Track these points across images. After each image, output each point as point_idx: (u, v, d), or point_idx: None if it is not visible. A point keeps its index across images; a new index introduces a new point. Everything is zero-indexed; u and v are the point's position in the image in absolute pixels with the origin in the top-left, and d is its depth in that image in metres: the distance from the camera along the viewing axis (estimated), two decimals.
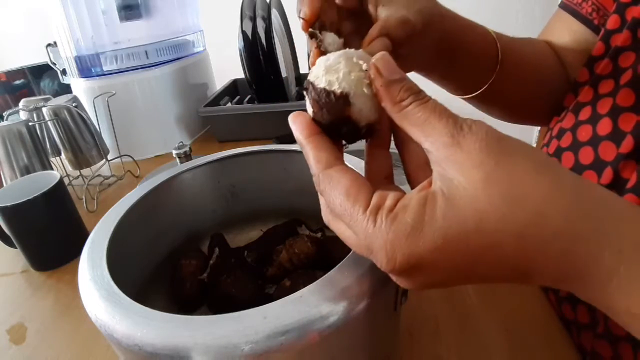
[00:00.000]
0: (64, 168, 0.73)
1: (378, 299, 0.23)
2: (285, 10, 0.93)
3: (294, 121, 0.23)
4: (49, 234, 0.52)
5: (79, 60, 0.81)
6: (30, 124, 0.66)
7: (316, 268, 0.35)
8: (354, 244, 0.21)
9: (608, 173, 0.34)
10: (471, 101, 0.44)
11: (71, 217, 0.55)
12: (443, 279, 0.19)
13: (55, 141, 0.74)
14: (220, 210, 0.43)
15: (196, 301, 0.37)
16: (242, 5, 0.81)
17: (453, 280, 0.20)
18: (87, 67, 0.82)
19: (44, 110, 0.69)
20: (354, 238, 0.21)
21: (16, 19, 2.08)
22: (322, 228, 0.42)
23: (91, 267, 0.27)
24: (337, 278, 0.23)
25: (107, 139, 0.80)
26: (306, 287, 0.22)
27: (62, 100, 0.71)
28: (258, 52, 0.79)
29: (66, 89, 0.87)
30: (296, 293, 0.22)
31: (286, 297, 0.22)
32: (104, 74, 0.81)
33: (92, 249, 0.29)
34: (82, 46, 0.80)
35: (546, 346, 0.36)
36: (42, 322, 0.45)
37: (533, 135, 2.20)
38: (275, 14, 0.87)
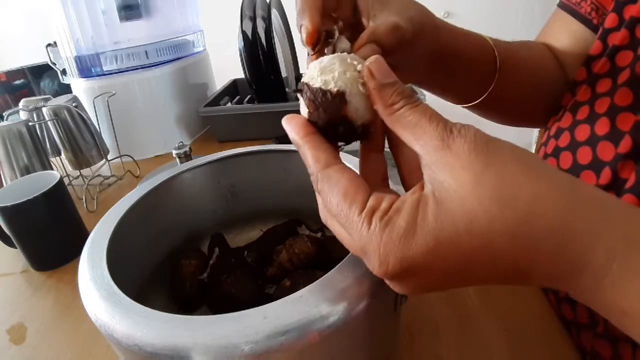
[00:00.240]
0: (64, 168, 0.73)
1: (378, 299, 0.23)
2: (285, 10, 0.93)
3: (289, 122, 0.23)
4: (49, 234, 0.52)
5: (79, 60, 0.81)
6: (30, 124, 0.66)
7: (316, 268, 0.35)
8: (349, 245, 0.21)
9: (607, 173, 0.34)
10: (469, 108, 0.44)
11: (71, 217, 0.55)
12: (437, 282, 0.19)
13: (55, 141, 0.74)
14: (220, 210, 0.43)
15: (196, 301, 0.37)
16: (242, 5, 0.81)
17: (447, 283, 0.20)
18: (87, 67, 0.82)
19: (44, 110, 0.69)
20: (349, 239, 0.21)
21: (16, 19, 2.08)
22: (322, 228, 0.43)
23: (91, 267, 0.27)
24: (337, 278, 0.23)
25: (107, 139, 0.80)
26: (306, 287, 0.22)
27: (62, 100, 0.71)
28: (258, 52, 0.79)
29: (66, 89, 0.87)
30: (296, 293, 0.22)
31: (286, 297, 0.22)
32: (104, 74, 0.81)
33: (92, 249, 0.29)
34: (82, 46, 0.80)
35: (546, 346, 0.36)
36: (42, 322, 0.45)
37: (533, 135, 2.21)
38: (275, 14, 0.87)
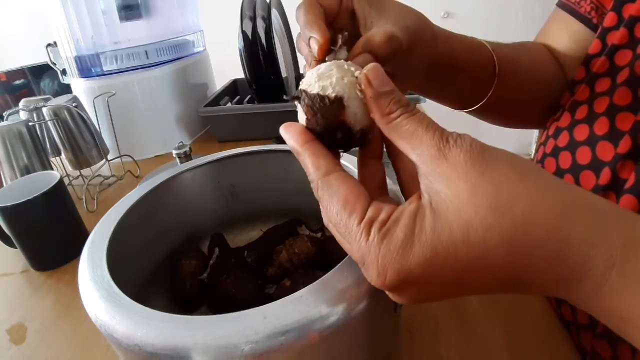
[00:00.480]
0: (64, 168, 0.73)
1: (378, 300, 0.23)
2: (285, 10, 0.93)
3: (287, 130, 0.23)
4: (49, 234, 0.52)
5: (79, 60, 0.81)
6: (30, 124, 0.66)
7: (316, 268, 0.35)
8: (349, 252, 0.21)
9: (606, 173, 0.34)
10: (468, 112, 0.44)
11: (71, 217, 0.55)
12: (435, 292, 0.20)
13: (55, 141, 0.74)
14: (220, 210, 0.43)
15: (196, 301, 0.37)
16: (242, 5, 0.81)
17: (445, 293, 0.20)
18: (87, 67, 0.82)
19: (44, 110, 0.69)
20: (349, 247, 0.21)
21: (16, 19, 2.09)
22: (322, 228, 0.43)
23: (91, 267, 0.27)
24: (337, 278, 0.23)
25: (107, 139, 0.80)
26: (306, 287, 0.22)
27: (62, 100, 0.71)
28: (258, 52, 0.79)
29: (66, 89, 0.87)
30: (296, 293, 0.22)
31: (286, 297, 0.22)
32: (104, 74, 0.81)
33: (92, 249, 0.29)
34: (82, 46, 0.80)
35: (546, 346, 0.36)
36: (42, 322, 0.45)
37: (533, 135, 2.21)
38: (275, 14, 0.87)
